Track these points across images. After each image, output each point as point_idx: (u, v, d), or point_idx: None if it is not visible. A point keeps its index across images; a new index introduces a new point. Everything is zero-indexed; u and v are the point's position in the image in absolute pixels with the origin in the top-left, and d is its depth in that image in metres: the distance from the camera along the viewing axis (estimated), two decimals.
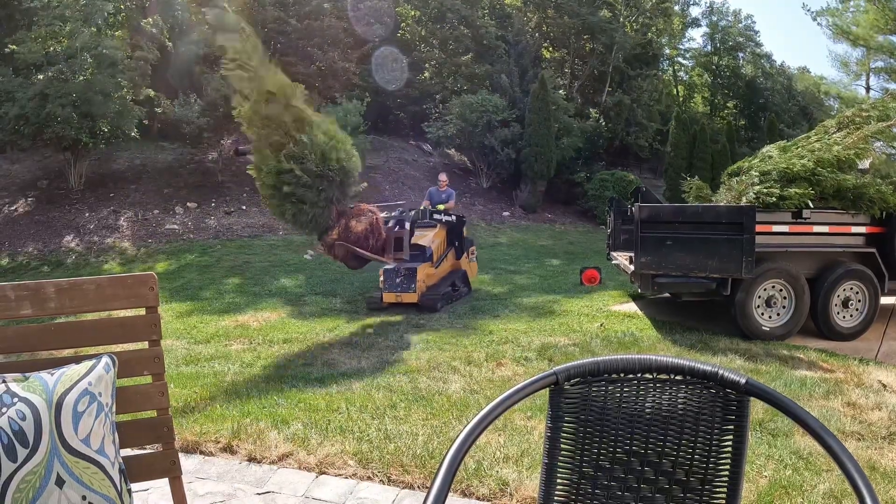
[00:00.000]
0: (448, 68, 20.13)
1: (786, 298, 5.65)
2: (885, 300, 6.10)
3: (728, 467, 1.14)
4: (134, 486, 1.44)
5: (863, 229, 5.76)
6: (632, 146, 20.96)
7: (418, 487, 2.66)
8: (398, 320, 6.55)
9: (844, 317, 5.72)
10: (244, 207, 13.42)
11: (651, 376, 1.19)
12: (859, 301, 5.73)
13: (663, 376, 1.18)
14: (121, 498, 1.35)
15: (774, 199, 5.51)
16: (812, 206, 5.52)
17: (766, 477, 2.72)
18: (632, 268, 5.97)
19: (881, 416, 3.55)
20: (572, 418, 1.20)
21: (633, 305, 7.29)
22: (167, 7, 16.01)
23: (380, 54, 19.22)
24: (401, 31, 20.86)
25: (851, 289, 5.70)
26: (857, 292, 5.72)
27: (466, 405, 3.70)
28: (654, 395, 1.19)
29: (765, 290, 5.61)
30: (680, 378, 1.17)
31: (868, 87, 25.98)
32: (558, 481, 1.20)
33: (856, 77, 26.54)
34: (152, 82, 15.39)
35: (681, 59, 29.53)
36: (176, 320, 6.83)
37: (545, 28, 22.00)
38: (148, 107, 14.51)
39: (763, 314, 5.65)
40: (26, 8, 13.13)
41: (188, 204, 13.43)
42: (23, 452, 1.23)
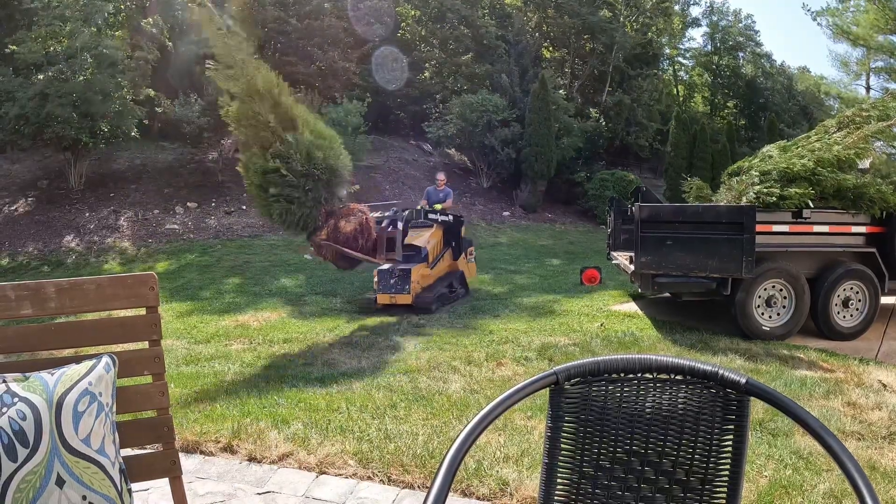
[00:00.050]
0: (448, 68, 20.13)
1: (786, 298, 5.65)
2: (886, 300, 6.10)
3: (728, 467, 1.14)
4: (134, 486, 1.44)
5: (863, 229, 5.76)
6: (632, 146, 20.97)
7: (418, 487, 2.66)
8: (398, 320, 6.55)
9: (844, 316, 5.72)
10: (244, 207, 13.42)
11: (651, 376, 1.19)
12: (859, 301, 5.73)
13: (663, 376, 1.18)
14: (121, 498, 1.35)
15: (774, 198, 5.51)
16: (812, 206, 5.52)
17: (766, 477, 2.72)
18: (632, 267, 5.97)
19: (881, 416, 3.55)
20: (572, 418, 1.20)
21: (633, 305, 7.29)
22: (167, 7, 16.01)
23: (380, 54, 19.23)
24: (401, 31, 20.86)
25: (851, 288, 5.70)
26: (858, 292, 5.72)
27: (466, 405, 3.70)
28: (654, 395, 1.19)
29: (765, 289, 5.61)
30: (680, 378, 1.17)
31: (868, 87, 26.00)
32: (558, 481, 1.20)
33: (856, 77, 26.57)
34: (152, 82, 15.40)
35: (681, 59, 29.56)
36: (176, 320, 6.83)
37: (545, 28, 22.01)
38: (148, 107, 14.52)
39: (763, 314, 5.65)
40: (26, 8, 13.13)
41: (188, 204, 13.43)
42: (23, 452, 1.23)
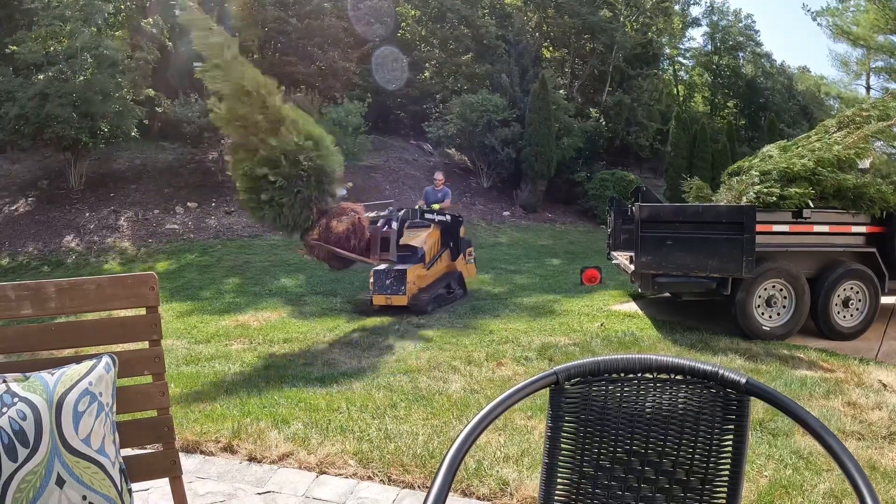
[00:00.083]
0: (448, 68, 20.13)
1: (786, 298, 5.65)
2: (886, 300, 6.10)
3: (728, 467, 1.14)
4: (134, 486, 1.44)
5: (863, 229, 5.76)
6: (632, 146, 20.97)
7: (418, 487, 2.66)
8: (398, 320, 6.54)
9: (845, 316, 5.72)
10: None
11: (651, 376, 1.19)
12: (859, 301, 5.73)
13: (664, 376, 1.18)
14: (121, 498, 1.35)
15: (775, 198, 5.51)
16: (812, 206, 5.52)
17: (766, 476, 2.72)
18: (632, 267, 5.97)
19: (881, 416, 3.55)
20: (572, 418, 1.20)
21: (633, 305, 7.29)
22: (167, 7, 16.02)
23: (380, 54, 19.23)
24: (401, 31, 20.87)
25: (852, 288, 5.70)
26: (858, 292, 5.72)
27: (467, 405, 3.70)
28: (654, 395, 1.18)
29: (765, 289, 5.61)
30: (680, 378, 1.17)
31: (868, 87, 26.01)
32: (558, 481, 1.20)
33: (856, 77, 26.59)
34: (152, 82, 15.40)
35: (681, 59, 29.57)
36: (176, 320, 6.83)
37: (545, 28, 22.01)
38: (148, 106, 14.52)
39: (763, 314, 5.65)
40: (26, 8, 13.14)
41: (188, 204, 13.43)
42: (23, 452, 1.23)
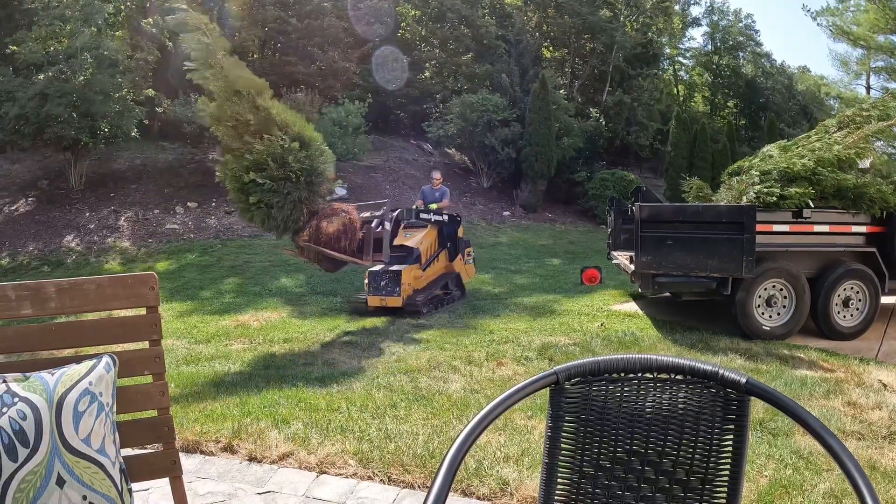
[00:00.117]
0: (448, 68, 20.13)
1: (786, 298, 5.65)
2: (886, 300, 6.09)
3: (728, 467, 1.14)
4: (134, 486, 1.44)
5: (863, 229, 5.76)
6: (632, 146, 20.97)
7: (419, 487, 2.66)
8: (398, 320, 6.54)
9: (845, 316, 5.72)
10: None
11: (651, 376, 1.19)
12: (860, 300, 5.73)
13: (664, 376, 1.18)
14: (121, 497, 1.35)
15: (775, 198, 5.50)
16: (812, 206, 5.52)
17: (766, 476, 2.72)
18: (632, 267, 5.97)
19: (881, 416, 3.55)
20: (573, 418, 1.20)
21: (633, 305, 7.29)
22: (167, 7, 16.01)
23: (380, 54, 19.24)
24: (401, 31, 20.86)
25: (852, 288, 5.70)
26: (858, 292, 5.72)
27: (467, 405, 3.70)
28: (654, 395, 1.18)
29: (765, 289, 5.61)
30: (680, 378, 1.17)
31: (868, 87, 26.03)
32: (559, 481, 1.20)
33: (856, 76, 26.61)
34: (153, 82, 15.40)
35: (681, 59, 29.57)
36: (176, 320, 6.83)
37: (545, 27, 22.01)
38: (148, 107, 14.52)
39: (763, 314, 5.65)
40: (26, 8, 13.14)
41: (188, 203, 13.43)
42: (23, 452, 1.23)
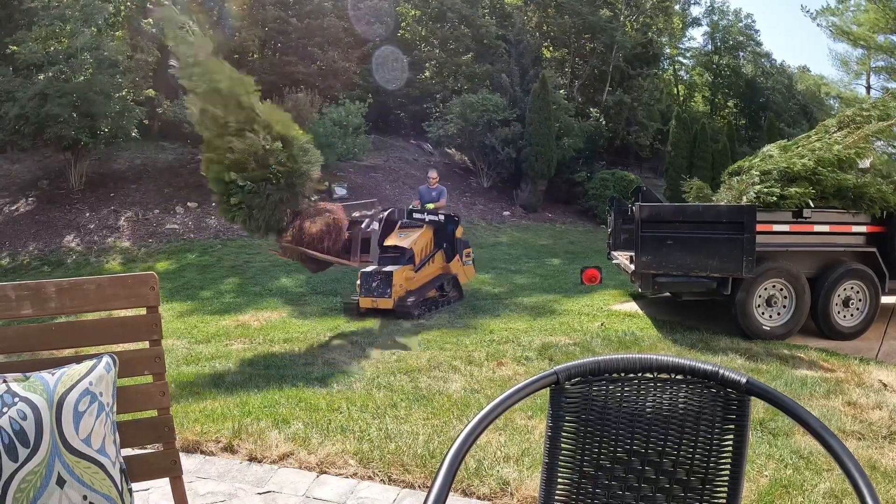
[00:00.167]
0: (448, 68, 20.13)
1: (786, 298, 5.65)
2: (886, 299, 6.09)
3: (729, 466, 1.14)
4: (135, 486, 1.44)
5: (863, 228, 5.76)
6: (632, 145, 20.97)
7: (419, 487, 2.66)
8: (398, 320, 6.54)
9: (845, 316, 5.72)
10: None
11: (652, 376, 1.19)
12: (860, 300, 5.73)
13: (664, 376, 1.18)
14: (121, 497, 1.35)
15: (775, 198, 5.50)
16: (812, 206, 5.52)
17: (766, 476, 2.72)
18: (632, 267, 5.97)
19: (882, 416, 3.55)
20: (573, 418, 1.20)
21: (633, 305, 7.29)
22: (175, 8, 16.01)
23: (380, 54, 19.24)
24: (401, 31, 20.86)
25: (852, 288, 5.70)
26: (858, 292, 5.71)
27: (467, 405, 3.70)
28: (654, 395, 1.18)
29: (765, 289, 5.61)
30: (681, 377, 1.17)
31: (868, 87, 26.03)
32: (559, 481, 1.20)
33: (856, 76, 26.61)
34: (153, 82, 15.40)
35: (681, 59, 29.56)
36: (176, 320, 6.83)
37: (546, 27, 22.00)
38: (148, 107, 14.51)
39: (764, 313, 5.65)
40: (26, 8, 13.13)
41: (189, 203, 13.43)
42: (24, 452, 1.23)
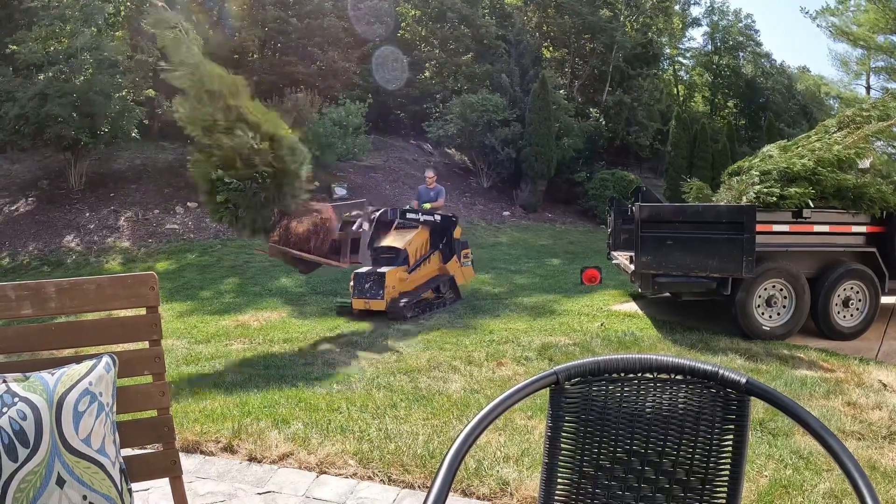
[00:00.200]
0: (448, 68, 20.13)
1: (786, 298, 5.65)
2: (886, 300, 6.10)
3: (728, 467, 1.14)
4: (134, 486, 1.44)
5: (863, 229, 5.76)
6: (632, 146, 20.97)
7: (419, 487, 2.66)
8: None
9: (845, 316, 5.72)
10: None
11: (651, 376, 1.19)
12: (860, 300, 5.73)
13: (664, 376, 1.18)
14: (121, 497, 1.35)
15: (775, 198, 5.51)
16: (812, 206, 5.52)
17: (766, 476, 2.72)
18: (632, 267, 5.97)
19: (881, 416, 3.55)
20: (573, 418, 1.20)
21: (633, 305, 7.29)
22: (168, 7, 15.99)
23: (380, 54, 19.24)
24: (401, 31, 20.86)
25: (852, 288, 5.70)
26: (858, 292, 5.71)
27: (467, 405, 3.70)
28: (654, 395, 1.18)
29: (765, 289, 5.61)
30: (680, 378, 1.17)
31: (868, 87, 26.04)
32: (559, 481, 1.20)
33: (856, 76, 26.62)
34: (153, 82, 15.38)
35: (681, 59, 29.56)
36: (176, 320, 6.83)
37: (546, 28, 22.01)
38: (148, 107, 14.51)
39: (763, 314, 5.65)
40: (26, 8, 13.13)
41: (188, 204, 13.42)
42: (23, 452, 1.23)
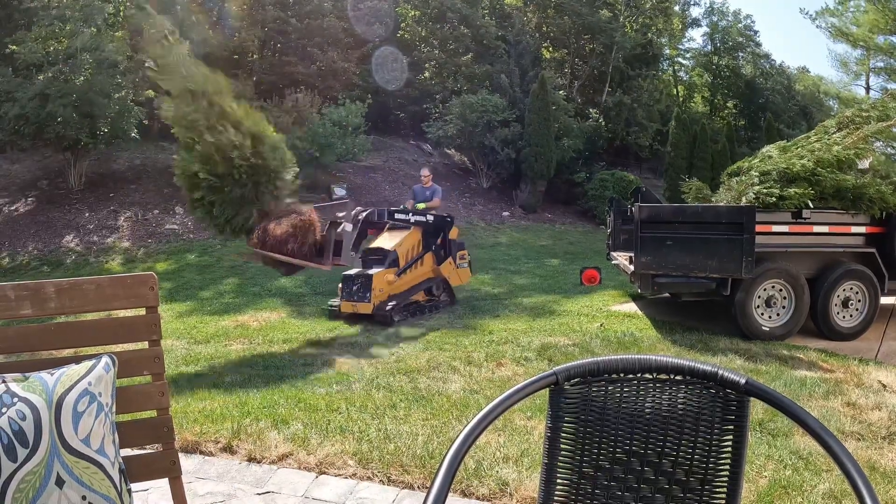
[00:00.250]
0: (448, 68, 20.12)
1: (786, 298, 5.65)
2: (885, 300, 6.10)
3: (728, 467, 1.14)
4: (134, 486, 1.44)
5: (862, 229, 5.76)
6: (632, 146, 20.96)
7: (418, 487, 2.66)
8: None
9: (844, 317, 5.72)
10: None
11: (651, 376, 1.19)
12: (859, 301, 5.73)
13: (663, 376, 1.18)
14: (121, 498, 1.35)
15: (774, 199, 5.51)
16: (812, 206, 5.52)
17: (765, 477, 2.72)
18: (632, 268, 5.97)
19: (881, 416, 3.55)
20: (572, 418, 1.20)
21: (632, 305, 7.29)
22: (168, 8, 15.98)
23: (380, 54, 19.23)
24: (401, 31, 20.86)
25: (851, 289, 5.70)
26: (857, 292, 5.72)
27: (466, 405, 3.70)
28: (653, 396, 1.18)
29: (765, 290, 5.61)
30: (680, 378, 1.17)
31: (868, 87, 26.05)
32: (558, 481, 1.20)
33: (855, 77, 26.64)
34: (153, 83, 15.38)
35: (681, 59, 29.53)
36: (176, 320, 6.83)
37: (545, 28, 22.00)
38: (148, 107, 14.49)
39: (763, 314, 5.65)
40: (26, 8, 13.12)
41: None
42: (23, 452, 1.23)
